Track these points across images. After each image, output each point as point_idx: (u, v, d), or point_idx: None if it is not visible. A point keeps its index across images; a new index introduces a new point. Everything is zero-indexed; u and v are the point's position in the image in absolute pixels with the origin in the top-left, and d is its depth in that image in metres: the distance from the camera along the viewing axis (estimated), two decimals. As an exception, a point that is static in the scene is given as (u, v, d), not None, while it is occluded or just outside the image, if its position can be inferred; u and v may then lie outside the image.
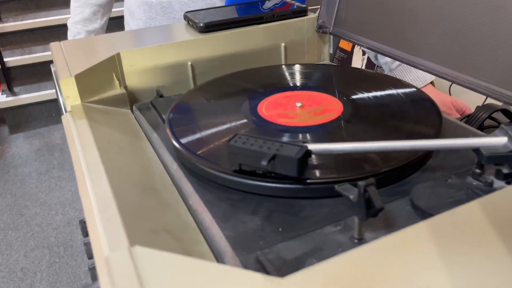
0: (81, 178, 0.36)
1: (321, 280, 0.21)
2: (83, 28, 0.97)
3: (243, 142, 0.36)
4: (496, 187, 0.35)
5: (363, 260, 0.22)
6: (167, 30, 0.62)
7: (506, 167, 0.34)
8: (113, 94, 0.52)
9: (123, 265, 0.23)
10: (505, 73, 0.43)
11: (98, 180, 0.35)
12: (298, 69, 0.57)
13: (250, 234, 0.33)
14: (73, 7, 0.98)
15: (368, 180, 0.29)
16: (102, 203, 0.32)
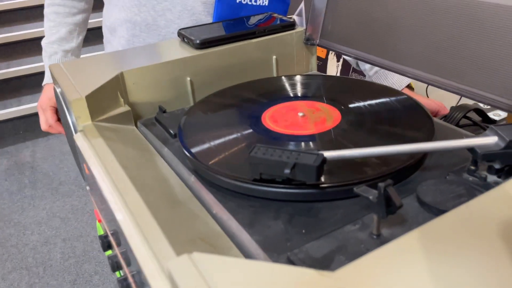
0: (111, 194, 0.38)
1: (368, 270, 0.24)
2: (59, 48, 0.96)
3: (263, 153, 0.39)
4: (489, 181, 0.39)
5: (403, 251, 0.25)
6: (164, 48, 0.64)
7: (498, 163, 0.39)
8: (119, 112, 0.54)
9: (187, 271, 0.25)
10: (486, 77, 0.48)
11: (131, 196, 0.37)
12: (296, 80, 0.60)
13: (276, 237, 0.36)
14: (48, 26, 0.97)
15: (386, 181, 0.32)
16: (140, 217, 0.35)
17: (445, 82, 0.52)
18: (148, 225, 0.34)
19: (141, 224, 0.34)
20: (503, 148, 0.38)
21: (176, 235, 0.34)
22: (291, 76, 0.61)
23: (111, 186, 0.39)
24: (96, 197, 0.48)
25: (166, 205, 0.38)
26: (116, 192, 0.38)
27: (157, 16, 0.85)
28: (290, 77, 0.61)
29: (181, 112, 0.58)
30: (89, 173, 0.46)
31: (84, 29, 1.02)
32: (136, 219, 0.34)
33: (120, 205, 0.36)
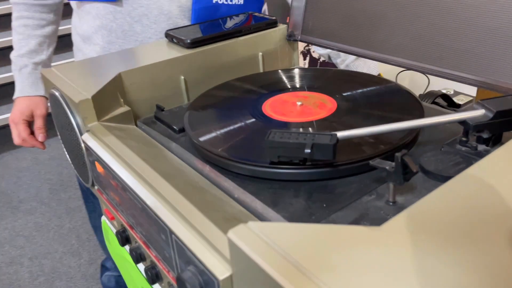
0: (139, 184, 0.40)
1: (412, 222, 0.28)
2: (29, 61, 0.95)
3: (280, 137, 0.41)
4: (480, 150, 0.44)
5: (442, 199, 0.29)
6: (154, 49, 0.66)
7: (486, 133, 0.44)
8: (121, 112, 0.55)
9: (249, 237, 0.28)
10: (466, 59, 0.53)
11: (161, 184, 0.39)
12: (293, 73, 0.64)
13: (300, 212, 0.39)
14: (17, 39, 0.95)
15: (402, 151, 0.36)
16: (177, 202, 0.37)
17: (426, 67, 0.57)
18: (186, 208, 0.36)
19: (180, 208, 0.36)
20: (491, 119, 0.43)
21: (214, 215, 0.36)
22: (286, 70, 0.64)
23: (138, 177, 0.40)
24: (112, 194, 0.49)
25: (193, 191, 0.40)
26: (145, 182, 0.39)
27: (133, 22, 0.85)
28: (285, 71, 0.64)
29: (179, 110, 0.60)
30: (104, 170, 0.47)
31: (54, 41, 1.01)
32: (173, 204, 0.36)
33: (153, 192, 0.38)
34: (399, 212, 0.38)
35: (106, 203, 0.52)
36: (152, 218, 0.39)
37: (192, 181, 0.43)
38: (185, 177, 0.44)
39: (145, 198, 0.39)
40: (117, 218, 0.50)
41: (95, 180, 0.53)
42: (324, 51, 1.01)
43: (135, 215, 0.43)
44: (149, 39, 0.87)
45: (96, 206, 1.21)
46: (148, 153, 0.47)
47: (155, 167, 0.42)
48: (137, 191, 0.40)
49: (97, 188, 0.54)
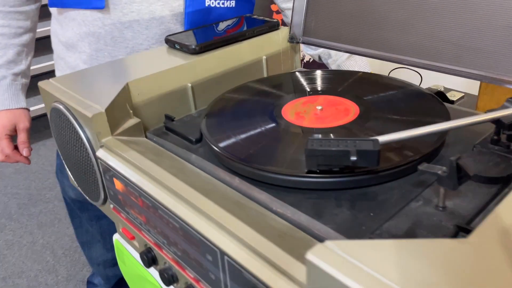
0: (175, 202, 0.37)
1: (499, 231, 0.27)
2: (8, 71, 0.89)
3: (320, 145, 0.40)
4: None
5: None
6: (157, 56, 0.63)
7: (519, 131, 0.44)
8: (132, 124, 0.52)
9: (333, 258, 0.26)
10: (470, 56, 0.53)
11: (201, 201, 0.36)
12: (311, 75, 0.62)
13: (349, 223, 0.38)
14: None
15: (456, 156, 0.35)
16: (224, 220, 0.34)
17: (436, 65, 0.57)
18: (237, 227, 0.33)
19: (230, 227, 0.33)
20: (526, 117, 0.43)
21: (265, 232, 0.34)
22: (304, 72, 0.63)
23: (173, 195, 0.38)
24: (134, 212, 0.46)
25: (234, 207, 0.38)
26: (182, 200, 0.37)
27: (123, 28, 0.82)
28: (303, 73, 0.63)
29: (190, 119, 0.57)
30: (125, 188, 0.44)
31: (32, 49, 0.95)
32: (222, 222, 0.34)
33: (194, 211, 0.36)
34: (453, 218, 0.37)
35: (125, 222, 0.49)
36: (194, 238, 0.36)
37: (227, 195, 0.41)
38: (218, 191, 0.41)
39: (186, 217, 0.36)
40: (139, 238, 0.47)
41: (112, 198, 0.50)
42: (314, 52, 1.00)
43: (167, 234, 0.41)
44: (140, 46, 0.83)
45: (83, 221, 1.15)
46: (173, 166, 0.44)
47: (187, 182, 0.40)
48: (175, 210, 0.37)
49: (112, 207, 0.50)
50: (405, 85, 0.58)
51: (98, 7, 0.79)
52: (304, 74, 0.63)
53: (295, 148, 0.45)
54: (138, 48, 0.84)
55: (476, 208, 0.38)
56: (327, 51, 1.02)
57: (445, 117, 0.50)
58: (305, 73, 0.63)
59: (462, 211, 0.37)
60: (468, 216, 0.37)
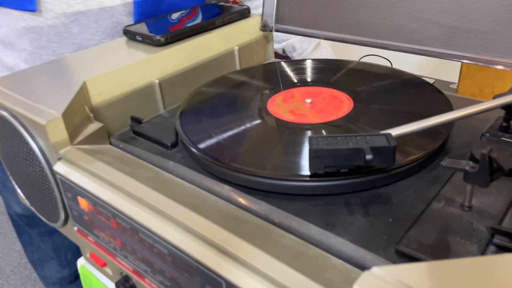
0: (161, 223, 0.31)
1: None
2: None
3: (327, 143, 0.34)
4: (524, 135, 0.41)
5: None
6: (116, 50, 0.55)
7: (529, 116, 0.40)
8: (93, 129, 0.44)
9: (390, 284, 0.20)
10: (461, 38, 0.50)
11: (193, 220, 0.30)
12: (303, 65, 0.56)
13: (367, 232, 0.33)
14: None
15: (487, 148, 0.31)
16: (227, 243, 0.28)
17: (425, 49, 0.53)
18: (244, 250, 0.27)
19: (236, 252, 0.27)
20: (539, 101, 0.39)
21: (278, 254, 0.28)
22: (289, 62, 0.57)
23: (157, 214, 0.31)
24: (105, 236, 0.38)
25: (232, 223, 0.31)
26: (170, 220, 0.30)
27: (68, 21, 0.73)
28: (289, 63, 0.57)
29: (161, 120, 0.50)
30: (94, 208, 0.37)
31: None
32: (225, 246, 0.27)
33: (188, 234, 0.29)
34: (483, 218, 0.33)
35: (94, 247, 0.41)
36: (189, 266, 0.30)
37: (221, 210, 0.34)
38: (209, 205, 0.35)
39: (177, 241, 0.30)
40: (113, 265, 0.40)
41: (76, 219, 0.42)
42: (277, 45, 0.94)
43: (151, 261, 0.34)
44: (89, 41, 0.74)
45: (33, 238, 1.04)
46: (150, 178, 0.37)
47: (171, 197, 0.33)
48: (161, 233, 0.30)
49: (76, 229, 0.43)
50: (396, 72, 0.53)
51: (30, 9, 0.70)
52: (290, 64, 0.57)
53: (294, 148, 0.40)
54: (87, 44, 0.75)
55: (504, 204, 0.34)
56: (291, 44, 0.97)
57: (445, 105, 0.46)
58: (291, 63, 0.58)
59: (490, 210, 0.33)
60: (498, 215, 0.33)
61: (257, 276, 0.26)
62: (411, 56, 0.67)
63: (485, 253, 0.30)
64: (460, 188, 0.35)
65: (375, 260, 0.30)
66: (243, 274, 0.27)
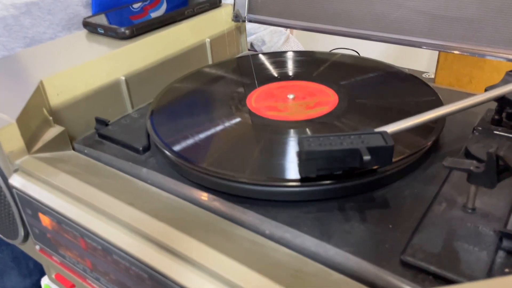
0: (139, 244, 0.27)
1: None
2: None
3: (319, 144, 0.31)
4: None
5: None
6: (76, 44, 0.50)
7: (522, 108, 0.39)
8: (54, 134, 0.39)
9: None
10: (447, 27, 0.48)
11: (178, 238, 0.26)
12: (283, 58, 0.53)
13: (368, 241, 0.30)
14: None
15: (494, 147, 0.29)
16: (220, 266, 0.24)
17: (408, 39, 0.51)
18: (235, 271, 0.24)
19: (233, 278, 0.24)
20: (533, 92, 0.37)
21: (278, 274, 0.25)
22: (268, 54, 0.54)
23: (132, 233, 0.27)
24: (73, 256, 0.34)
25: (218, 240, 0.28)
26: (148, 240, 0.26)
27: (19, 13, 0.67)
28: (268, 55, 0.54)
29: (130, 121, 0.45)
30: (57, 225, 0.32)
31: None
32: (219, 272, 0.24)
33: (172, 256, 0.25)
34: (488, 221, 0.30)
35: (59, 267, 0.37)
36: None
37: (205, 223, 0.31)
38: (191, 218, 0.31)
39: (159, 265, 0.26)
40: (82, 287, 0.35)
41: (37, 237, 0.37)
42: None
43: (128, 285, 0.30)
44: (43, 35, 0.69)
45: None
46: (121, 190, 0.33)
47: (148, 212, 0.29)
48: (141, 256, 0.27)
49: (39, 249, 0.38)
50: (380, 65, 0.51)
51: None
52: (269, 57, 0.54)
53: (282, 149, 0.36)
54: (41, 37, 0.69)
55: (508, 205, 0.32)
56: (260, 37, 0.94)
57: (434, 99, 0.43)
58: (270, 56, 0.54)
59: (494, 211, 0.31)
60: (503, 217, 0.31)
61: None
62: (377, 47, 0.65)
63: (495, 260, 0.28)
64: (460, 188, 0.33)
65: (380, 274, 0.27)
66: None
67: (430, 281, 0.27)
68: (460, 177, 0.35)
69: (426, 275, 0.27)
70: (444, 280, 0.27)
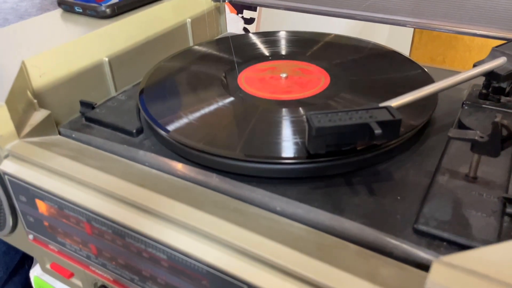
0: (156, 224, 0.26)
1: None
2: None
3: (329, 120, 0.31)
4: (503, 101, 0.41)
5: None
6: (54, 23, 0.47)
7: (507, 82, 0.40)
8: (40, 118, 0.37)
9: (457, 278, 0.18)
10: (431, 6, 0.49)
11: (197, 216, 0.26)
12: (268, 37, 0.52)
13: (379, 213, 0.30)
14: None
15: (498, 116, 0.29)
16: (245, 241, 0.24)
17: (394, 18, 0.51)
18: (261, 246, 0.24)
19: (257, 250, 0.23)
20: (519, 66, 0.39)
21: (302, 248, 0.25)
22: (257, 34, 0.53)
23: (149, 215, 0.26)
24: (75, 243, 0.32)
25: (235, 217, 0.28)
26: (167, 221, 0.25)
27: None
28: (257, 34, 0.53)
29: (117, 103, 0.44)
30: (58, 211, 0.30)
31: None
32: (242, 245, 0.24)
33: (190, 231, 0.25)
34: (490, 188, 0.32)
35: (56, 256, 0.35)
36: (197, 272, 0.25)
37: (217, 202, 0.30)
38: (202, 198, 0.30)
39: (181, 245, 0.25)
40: (84, 275, 0.34)
41: (31, 226, 0.35)
42: None
43: (140, 268, 0.29)
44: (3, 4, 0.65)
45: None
46: (126, 172, 0.32)
47: (161, 192, 0.28)
48: (160, 237, 0.26)
49: (32, 238, 0.36)
50: (366, 44, 0.51)
51: None
52: (260, 36, 0.53)
53: (288, 127, 0.36)
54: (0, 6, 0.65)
55: (506, 173, 0.33)
56: None
57: (423, 75, 0.44)
58: (261, 35, 0.53)
59: (495, 178, 0.32)
60: (504, 184, 0.32)
61: (287, 277, 0.23)
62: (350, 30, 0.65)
63: (502, 225, 0.29)
64: (460, 159, 0.34)
65: (396, 243, 0.28)
66: (271, 277, 0.23)
67: (444, 247, 0.28)
68: (458, 148, 0.36)
69: (440, 241, 0.28)
70: (458, 246, 0.28)
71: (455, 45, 0.63)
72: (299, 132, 0.36)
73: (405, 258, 0.28)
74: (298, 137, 0.35)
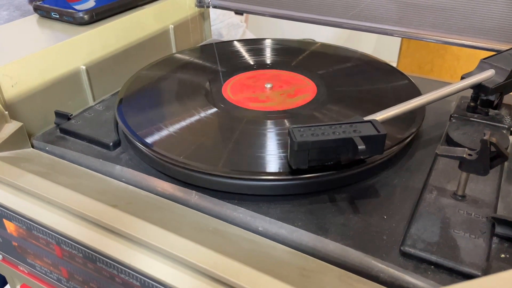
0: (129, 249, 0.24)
1: None
2: None
3: (311, 134, 0.30)
4: (491, 114, 0.40)
5: None
6: (29, 30, 0.45)
7: (495, 96, 0.39)
8: (11, 130, 0.35)
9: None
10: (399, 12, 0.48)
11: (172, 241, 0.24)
12: (255, 46, 0.51)
13: (365, 234, 0.29)
14: None
15: (487, 133, 0.28)
16: (223, 269, 0.23)
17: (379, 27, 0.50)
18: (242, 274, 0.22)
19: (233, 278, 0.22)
20: (507, 78, 0.38)
21: (284, 276, 0.23)
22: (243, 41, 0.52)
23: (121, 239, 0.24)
24: (46, 265, 0.30)
25: (214, 240, 0.26)
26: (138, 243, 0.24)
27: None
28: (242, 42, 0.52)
29: (94, 114, 0.42)
30: (27, 233, 0.29)
31: None
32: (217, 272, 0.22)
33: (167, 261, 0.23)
34: (479, 207, 0.31)
35: (27, 277, 0.33)
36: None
37: (196, 223, 0.29)
38: (181, 219, 0.29)
39: (155, 272, 0.24)
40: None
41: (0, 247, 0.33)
42: None
43: None
44: None
45: None
46: (98, 190, 0.30)
47: (134, 214, 0.27)
48: (129, 261, 0.24)
49: (1, 259, 0.34)
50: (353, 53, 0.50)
51: None
52: (244, 44, 0.52)
53: (269, 141, 0.35)
54: None
55: (494, 190, 0.32)
56: (217, 31, 0.91)
57: (410, 87, 0.43)
58: (245, 43, 0.52)
59: (483, 197, 0.31)
60: (492, 202, 0.31)
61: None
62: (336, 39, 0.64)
63: (491, 247, 0.28)
64: (448, 176, 0.33)
65: (382, 267, 0.27)
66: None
67: (432, 270, 0.27)
68: (446, 164, 0.35)
69: (428, 265, 0.27)
70: (445, 269, 0.26)
71: (443, 54, 0.62)
72: (283, 145, 0.34)
73: (391, 283, 0.26)
74: (282, 151, 0.34)
